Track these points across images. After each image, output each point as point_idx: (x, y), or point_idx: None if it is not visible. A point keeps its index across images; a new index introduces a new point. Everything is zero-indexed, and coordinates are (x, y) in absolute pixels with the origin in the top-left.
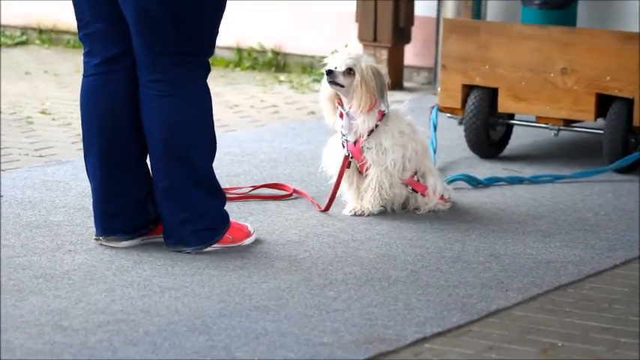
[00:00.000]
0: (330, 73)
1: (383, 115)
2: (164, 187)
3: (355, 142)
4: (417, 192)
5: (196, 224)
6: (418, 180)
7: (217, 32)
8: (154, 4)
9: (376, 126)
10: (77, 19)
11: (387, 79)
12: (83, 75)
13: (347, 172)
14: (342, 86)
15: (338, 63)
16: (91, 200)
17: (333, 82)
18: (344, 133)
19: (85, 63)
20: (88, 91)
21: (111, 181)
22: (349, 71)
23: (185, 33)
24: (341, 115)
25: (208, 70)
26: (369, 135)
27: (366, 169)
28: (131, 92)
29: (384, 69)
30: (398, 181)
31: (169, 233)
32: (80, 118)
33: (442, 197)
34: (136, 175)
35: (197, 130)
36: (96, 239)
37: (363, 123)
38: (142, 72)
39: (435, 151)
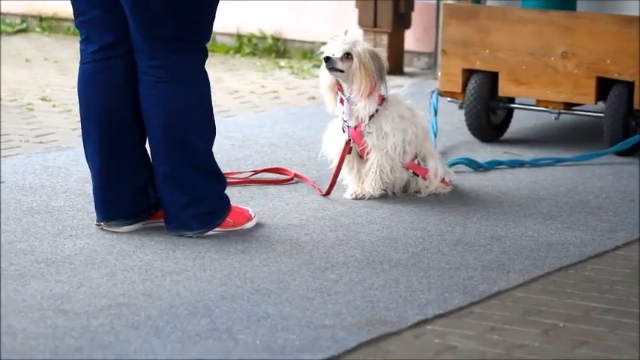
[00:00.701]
0: (328, 59)
1: (383, 100)
2: (164, 172)
3: (356, 127)
4: (417, 175)
5: (197, 208)
6: (419, 163)
7: (214, 17)
8: None
9: (376, 110)
10: (73, 7)
11: (385, 62)
12: (80, 62)
13: (348, 157)
14: (342, 71)
15: (335, 49)
16: (92, 186)
17: (332, 69)
18: (345, 118)
19: (81, 50)
20: (86, 78)
21: (110, 167)
22: (347, 56)
23: (181, 18)
24: (342, 101)
25: (206, 56)
26: (369, 119)
27: (367, 154)
28: (129, 79)
29: (382, 52)
30: (399, 164)
31: (170, 218)
32: (78, 105)
33: (443, 180)
34: (136, 161)
35: (196, 116)
36: (97, 225)
37: (363, 108)
38: (140, 58)
39: (435, 135)
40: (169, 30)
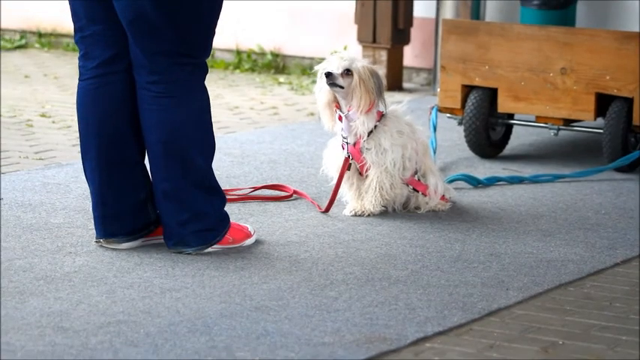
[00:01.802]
0: (329, 75)
1: (382, 116)
2: (163, 189)
3: (355, 144)
4: (417, 191)
5: (196, 225)
6: (419, 179)
7: (214, 33)
8: (149, 5)
9: (375, 126)
10: (73, 22)
11: (383, 80)
12: (79, 79)
13: (347, 173)
14: (342, 87)
15: (335, 66)
16: (91, 203)
17: (332, 84)
18: (344, 135)
19: (80, 67)
20: (85, 94)
21: (110, 184)
22: (347, 72)
23: (181, 33)
24: (340, 118)
25: (206, 72)
26: (368, 136)
27: (366, 170)
28: (128, 94)
29: (380, 70)
30: (398, 180)
31: (169, 234)
32: (77, 122)
33: (443, 197)
34: (135, 177)
35: (196, 132)
36: (96, 242)
37: (362, 124)
38: (139, 73)
39: (435, 152)
40: (168, 44)
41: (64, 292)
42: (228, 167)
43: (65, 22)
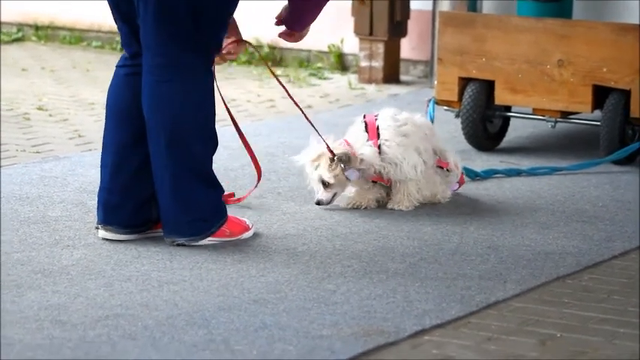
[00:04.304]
0: (319, 203)
1: (378, 138)
2: (161, 175)
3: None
4: (441, 168)
5: (191, 214)
6: (439, 158)
7: (227, 24)
8: None
9: (379, 146)
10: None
11: (347, 155)
12: (116, 65)
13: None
14: (332, 199)
15: (314, 181)
16: (91, 194)
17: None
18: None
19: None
20: (117, 81)
21: (119, 174)
22: (325, 185)
23: (197, 20)
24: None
25: (212, 62)
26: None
27: (391, 182)
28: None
29: (344, 150)
30: (424, 182)
31: (165, 222)
32: (107, 104)
33: (462, 176)
34: (144, 174)
35: (196, 119)
36: (96, 227)
37: (371, 155)
38: (146, 56)
39: None
40: (183, 29)
41: (61, 286)
42: (226, 160)
43: (62, 15)
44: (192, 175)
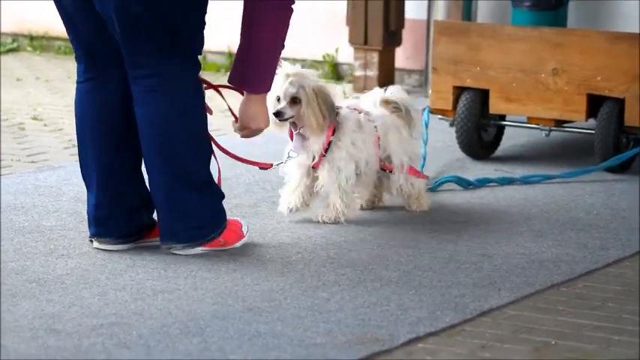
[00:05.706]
0: (278, 114)
1: (334, 130)
2: (155, 184)
3: (313, 166)
4: (385, 170)
5: (186, 222)
6: (384, 162)
7: (202, 26)
8: (137, 4)
9: (329, 143)
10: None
11: (333, 97)
12: (76, 82)
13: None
14: (292, 116)
15: (282, 92)
16: (86, 203)
17: (282, 120)
18: (293, 154)
19: (77, 69)
20: (80, 97)
21: (105, 188)
22: (294, 100)
23: (168, 26)
24: (291, 135)
25: (198, 68)
26: (325, 151)
27: (321, 187)
28: (123, 97)
29: (331, 87)
30: (350, 195)
31: (162, 230)
32: (75, 124)
33: (415, 171)
34: (130, 183)
35: (186, 126)
36: (90, 240)
37: (315, 142)
38: (129, 68)
39: (425, 154)
40: (155, 38)
41: (56, 295)
42: (220, 169)
43: (57, 26)
44: (184, 183)
